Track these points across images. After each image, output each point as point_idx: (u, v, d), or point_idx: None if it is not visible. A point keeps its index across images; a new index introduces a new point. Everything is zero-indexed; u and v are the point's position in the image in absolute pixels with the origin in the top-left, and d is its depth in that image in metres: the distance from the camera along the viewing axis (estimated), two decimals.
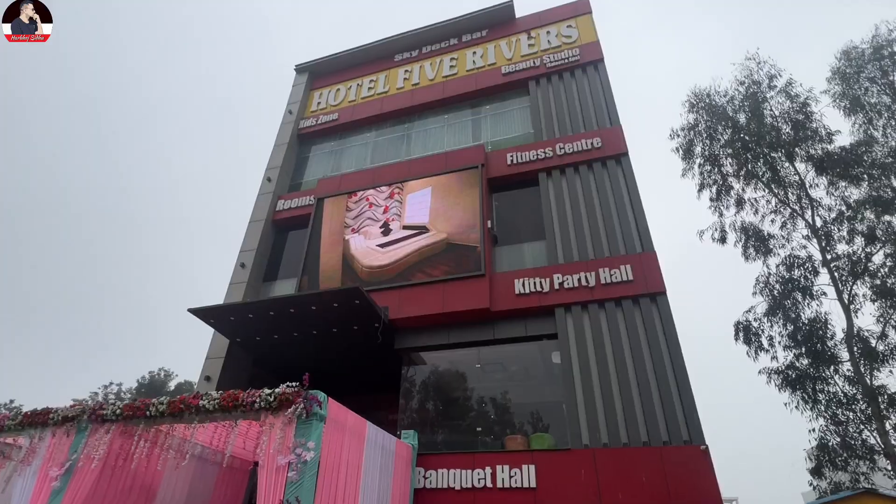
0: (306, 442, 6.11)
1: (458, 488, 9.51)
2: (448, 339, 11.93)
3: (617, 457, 9.09)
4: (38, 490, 7.00)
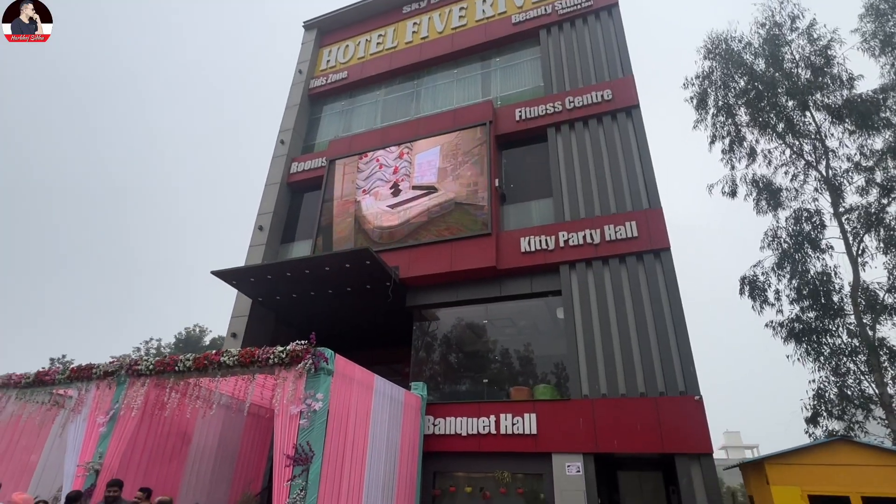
0: (315, 393, 6.72)
1: (464, 434, 10.22)
2: (456, 297, 12.38)
3: (614, 406, 9.55)
4: (88, 434, 7.94)
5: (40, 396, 8.91)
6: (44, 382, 8.77)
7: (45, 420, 9.08)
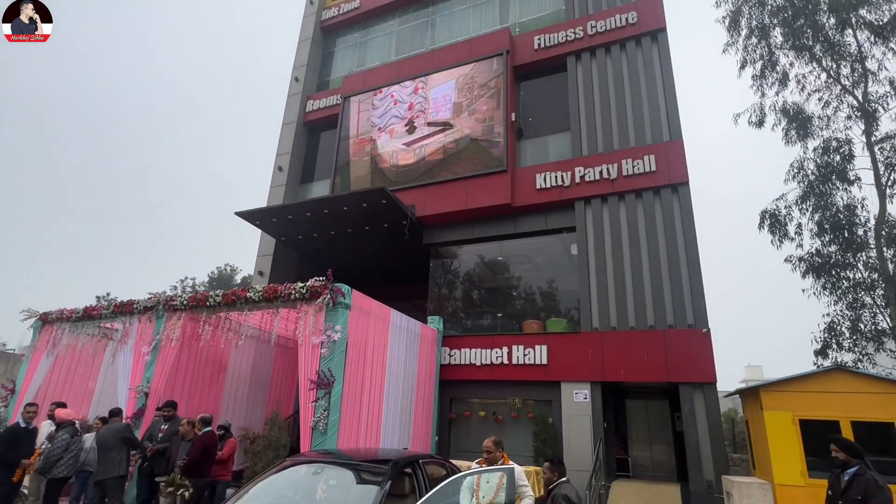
0: (334, 325, 7.20)
1: (478, 364, 10.81)
2: (472, 234, 12.55)
3: (623, 338, 9.86)
4: (135, 362, 8.77)
5: (90, 329, 9.76)
6: (92, 317, 9.57)
7: (97, 350, 9.99)
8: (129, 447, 6.29)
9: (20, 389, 9.68)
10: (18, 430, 5.96)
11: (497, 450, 4.69)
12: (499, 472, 4.06)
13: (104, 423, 7.03)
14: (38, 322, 10.22)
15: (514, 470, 4.09)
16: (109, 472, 5.99)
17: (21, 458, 5.78)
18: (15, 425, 6.14)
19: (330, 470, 4.42)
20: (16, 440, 5.83)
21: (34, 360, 9.90)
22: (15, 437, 5.87)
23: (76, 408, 9.55)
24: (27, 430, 6.08)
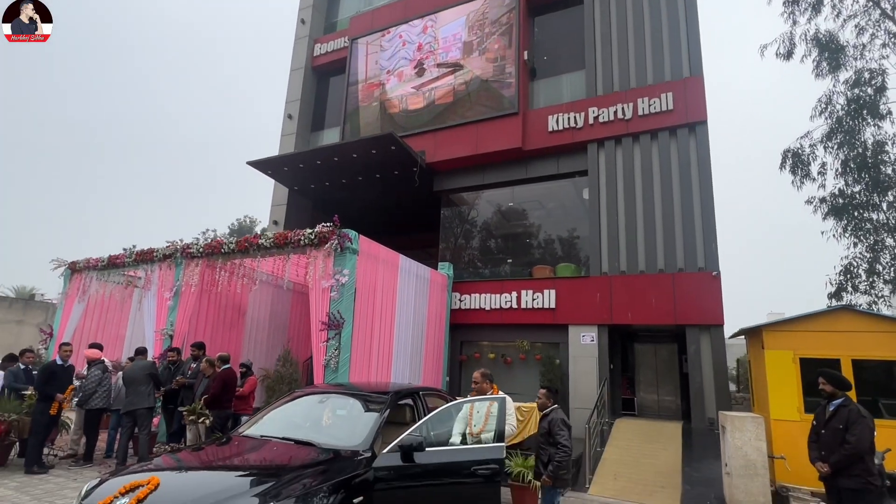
0: (342, 270, 7.39)
1: (488, 309, 11.02)
2: (483, 180, 12.43)
3: (631, 282, 9.87)
4: (159, 307, 9.23)
5: (116, 277, 10.22)
6: (116, 265, 9.99)
7: (124, 297, 10.51)
8: (154, 382, 6.75)
9: (57, 333, 10.34)
10: (55, 367, 6.44)
11: (484, 381, 4.83)
12: (489, 402, 4.26)
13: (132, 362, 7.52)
14: (67, 271, 10.74)
15: (506, 399, 4.27)
16: (138, 403, 6.48)
17: (57, 392, 6.27)
18: (52, 362, 6.62)
19: (335, 399, 4.70)
20: (52, 376, 6.32)
21: (67, 306, 10.50)
22: (51, 372, 6.35)
23: (109, 350, 10.18)
24: (63, 367, 6.55)
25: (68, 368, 6.67)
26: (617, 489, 6.79)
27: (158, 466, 3.46)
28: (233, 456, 3.81)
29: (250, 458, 3.75)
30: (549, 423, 4.22)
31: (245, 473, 3.36)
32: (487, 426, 4.10)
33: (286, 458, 3.70)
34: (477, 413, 4.18)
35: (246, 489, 3.03)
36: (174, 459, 3.68)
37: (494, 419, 4.11)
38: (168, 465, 3.54)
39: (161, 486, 3.07)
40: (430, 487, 3.75)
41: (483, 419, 4.14)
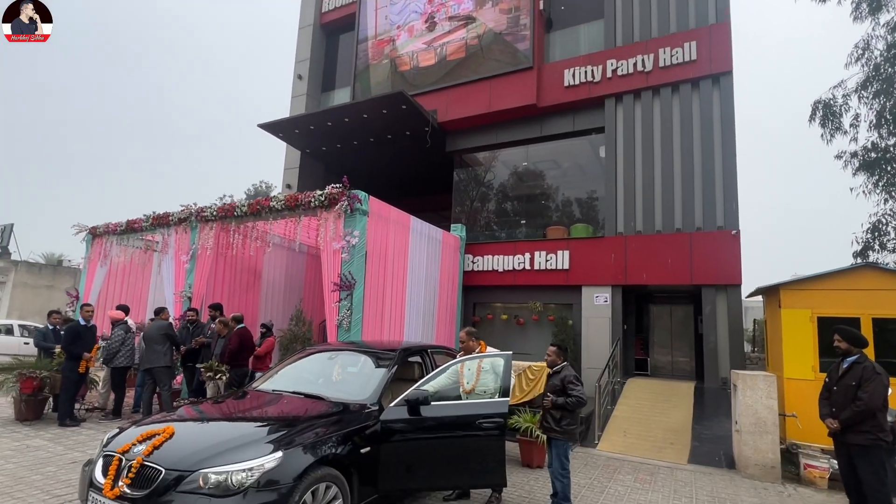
0: (352, 231, 7.39)
1: (500, 270, 10.98)
2: (496, 139, 12.13)
3: (647, 242, 9.68)
4: (177, 270, 9.43)
5: (135, 242, 10.44)
6: (134, 229, 10.18)
7: (144, 262, 10.76)
8: (170, 342, 6.93)
9: (82, 296, 10.70)
10: (79, 328, 6.70)
11: (470, 339, 4.76)
12: (495, 358, 4.28)
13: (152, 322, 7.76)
14: (88, 235, 11.00)
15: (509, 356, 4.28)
16: (156, 361, 6.72)
17: (83, 352, 6.54)
18: (75, 323, 6.87)
19: (344, 356, 4.79)
20: (77, 336, 6.58)
21: (90, 270, 10.81)
22: (76, 333, 6.61)
23: (135, 312, 10.53)
24: (86, 327, 6.81)
25: (91, 328, 6.92)
26: (626, 445, 6.89)
27: (175, 417, 3.60)
28: (246, 408, 3.94)
29: (262, 410, 3.87)
30: (561, 381, 4.21)
31: (257, 423, 3.48)
32: (482, 381, 4.14)
33: (297, 410, 3.81)
34: (468, 371, 4.22)
35: (257, 437, 3.13)
36: (190, 411, 3.82)
37: (498, 375, 4.14)
38: (184, 416, 3.67)
39: (176, 434, 3.19)
40: (436, 440, 3.84)
41: (475, 375, 4.18)
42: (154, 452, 2.99)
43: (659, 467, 6.06)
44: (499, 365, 4.19)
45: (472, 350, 4.59)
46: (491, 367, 4.20)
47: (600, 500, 4.76)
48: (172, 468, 2.86)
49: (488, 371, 4.22)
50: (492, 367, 4.19)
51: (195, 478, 2.80)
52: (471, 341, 4.70)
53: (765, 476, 5.67)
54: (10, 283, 21.38)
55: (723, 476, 5.77)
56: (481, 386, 4.15)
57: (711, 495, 5.05)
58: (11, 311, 20.19)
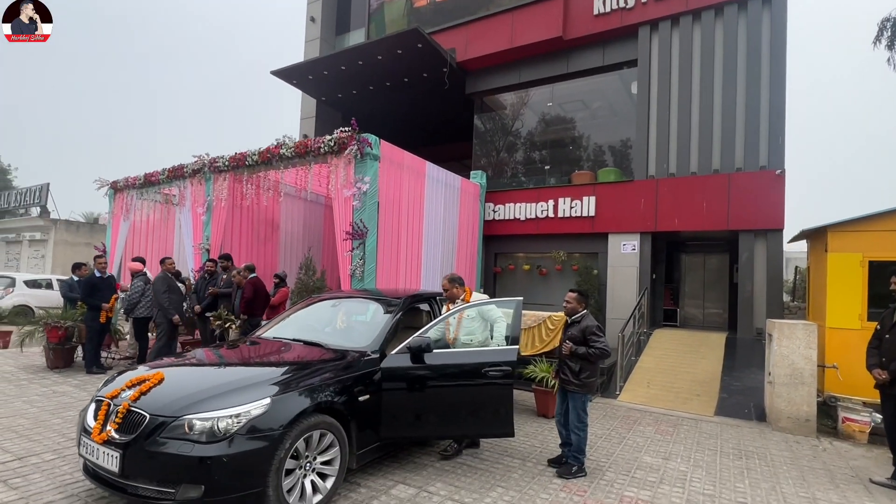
0: (363, 177, 7.08)
1: (523, 219, 10.54)
2: (519, 79, 11.35)
3: (681, 185, 8.99)
4: (195, 223, 9.42)
5: (153, 195, 10.46)
6: (152, 183, 10.16)
7: (165, 215, 10.82)
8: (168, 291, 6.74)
9: (109, 251, 10.92)
10: (94, 279, 6.76)
11: (454, 286, 4.30)
12: (507, 304, 4.00)
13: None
14: (110, 190, 11.09)
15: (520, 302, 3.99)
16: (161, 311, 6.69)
17: (101, 302, 6.63)
18: (91, 275, 6.94)
19: (348, 303, 4.61)
20: (93, 287, 6.65)
21: (114, 225, 10.97)
22: (92, 285, 6.67)
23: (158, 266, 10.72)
24: (102, 278, 6.86)
25: (108, 279, 6.96)
26: (648, 396, 6.63)
27: (167, 364, 3.52)
28: (242, 355, 3.83)
29: (258, 358, 3.75)
30: (582, 331, 3.90)
31: (249, 370, 3.35)
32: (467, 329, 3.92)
33: (293, 357, 3.67)
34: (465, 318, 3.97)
35: (247, 384, 2.99)
36: (184, 358, 3.72)
37: (487, 322, 3.92)
38: (176, 362, 3.58)
39: (165, 380, 3.09)
40: (440, 388, 3.65)
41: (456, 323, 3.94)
42: (141, 398, 2.90)
43: (683, 419, 5.80)
44: (489, 312, 3.94)
45: (456, 297, 4.25)
46: (478, 315, 3.94)
47: (617, 451, 4.55)
48: (157, 414, 2.75)
49: (474, 318, 3.95)
50: (479, 315, 3.94)
51: (180, 423, 2.68)
52: (454, 288, 4.27)
53: (798, 429, 5.33)
54: (52, 241, 22.34)
55: (751, 429, 5.47)
56: (466, 334, 3.91)
57: (738, 448, 4.78)
58: (55, 267, 21.20)
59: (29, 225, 23.90)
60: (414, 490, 3.45)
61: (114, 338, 8.00)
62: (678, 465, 4.22)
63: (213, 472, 2.58)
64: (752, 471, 4.17)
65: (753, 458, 4.49)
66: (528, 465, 4.07)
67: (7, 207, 25.28)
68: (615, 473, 3.97)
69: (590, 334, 3.88)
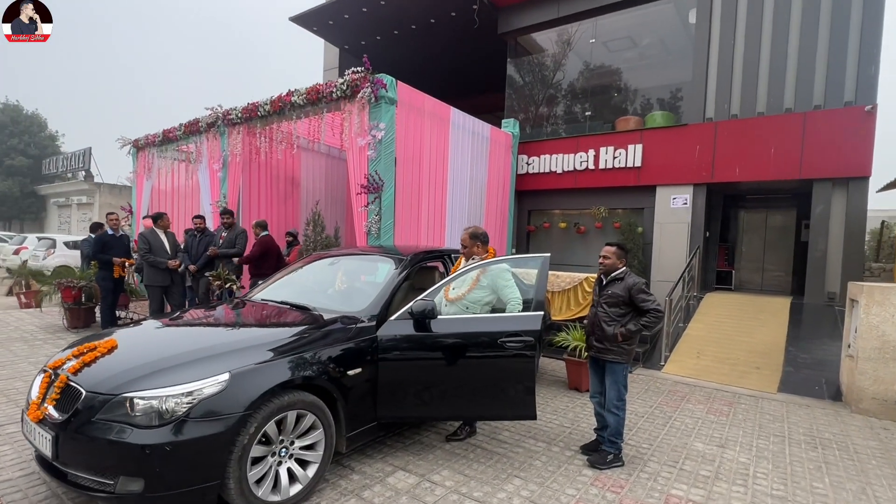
0: (378, 124, 6.38)
1: (559, 172, 9.59)
2: (557, 13, 10.09)
3: (744, 129, 7.77)
4: (212, 180, 9.07)
5: (171, 153, 10.17)
6: (170, 139, 9.85)
7: (190, 174, 10.56)
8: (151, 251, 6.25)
9: (136, 210, 10.85)
10: (105, 237, 6.53)
11: (474, 244, 3.51)
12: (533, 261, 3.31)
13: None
14: (133, 149, 10.90)
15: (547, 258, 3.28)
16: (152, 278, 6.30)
17: (111, 258, 6.38)
18: (102, 233, 6.70)
19: (347, 261, 4.03)
20: (104, 245, 6.42)
21: (139, 184, 10.84)
22: (104, 242, 6.44)
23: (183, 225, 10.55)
24: (113, 236, 6.61)
25: (120, 238, 6.72)
26: (698, 368, 5.85)
27: (127, 329, 3.07)
28: (215, 319, 3.33)
29: (231, 323, 3.25)
30: (627, 290, 3.18)
31: (213, 338, 2.83)
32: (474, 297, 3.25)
33: (272, 323, 3.15)
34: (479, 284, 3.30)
35: (206, 355, 2.47)
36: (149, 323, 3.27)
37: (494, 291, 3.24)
38: (139, 327, 3.12)
39: (117, 348, 2.63)
40: (448, 362, 3.05)
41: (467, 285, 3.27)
42: (84, 370, 2.44)
43: (739, 396, 5.02)
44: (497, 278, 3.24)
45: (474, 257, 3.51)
46: (490, 284, 3.26)
47: (661, 434, 3.88)
48: (94, 390, 2.28)
49: (485, 287, 3.28)
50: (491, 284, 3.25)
51: (119, 402, 2.21)
52: (475, 246, 3.49)
53: (885, 413, 4.47)
54: (97, 203, 23.06)
55: (824, 410, 4.64)
56: (472, 300, 3.25)
57: (810, 434, 4.00)
58: None
59: (76, 189, 24.75)
60: (415, 479, 2.93)
61: (129, 297, 7.84)
62: (737, 456, 3.51)
63: (155, 462, 2.11)
64: (831, 465, 3.42)
65: (832, 449, 3.72)
66: (554, 450, 3.47)
67: (56, 172, 26.24)
68: (659, 464, 3.32)
69: (637, 292, 3.15)
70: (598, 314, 3.30)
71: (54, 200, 26.77)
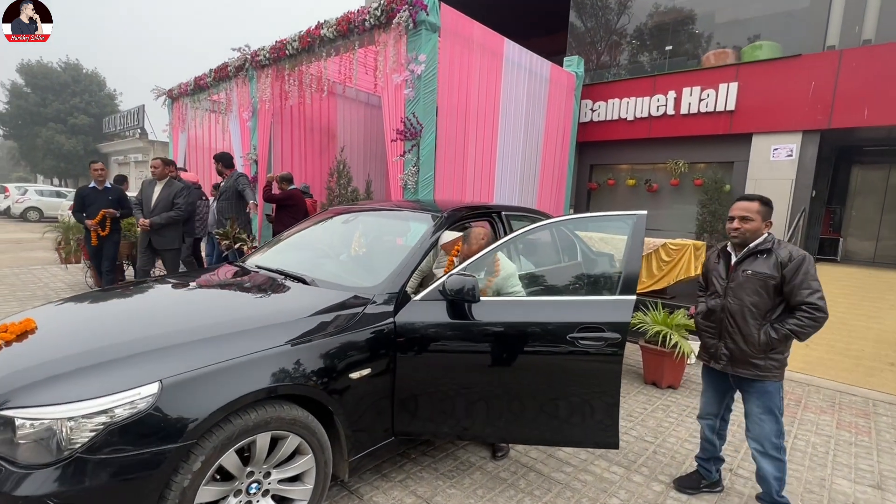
0: (417, 56, 5.34)
1: (630, 119, 8.16)
2: None
3: (879, 58, 6.03)
4: (242, 130, 8.43)
5: (204, 104, 9.59)
6: (202, 88, 9.25)
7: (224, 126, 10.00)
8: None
9: None
10: (84, 191, 5.71)
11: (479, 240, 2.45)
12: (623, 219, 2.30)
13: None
14: (168, 100, 10.44)
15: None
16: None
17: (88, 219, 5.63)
18: (83, 186, 5.98)
19: (366, 219, 3.14)
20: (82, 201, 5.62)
21: (174, 136, 10.43)
22: (81, 197, 5.68)
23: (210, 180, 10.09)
24: (95, 189, 5.75)
25: (105, 190, 5.90)
26: (810, 361, 4.65)
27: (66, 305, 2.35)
28: (178, 297, 2.47)
29: (195, 302, 2.41)
30: (780, 267, 2.08)
31: (162, 324, 2.01)
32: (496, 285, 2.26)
33: (249, 302, 2.33)
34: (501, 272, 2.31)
35: (137, 350, 1.68)
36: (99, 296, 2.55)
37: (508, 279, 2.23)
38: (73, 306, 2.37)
39: (35, 334, 1.91)
40: (494, 362, 2.15)
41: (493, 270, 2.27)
42: None
43: (875, 402, 3.85)
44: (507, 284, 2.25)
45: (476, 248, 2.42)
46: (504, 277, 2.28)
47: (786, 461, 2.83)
48: None
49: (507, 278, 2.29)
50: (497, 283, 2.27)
51: (1, 419, 1.47)
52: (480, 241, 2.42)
53: None
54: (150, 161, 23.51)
55: None
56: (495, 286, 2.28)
57: None
58: None
59: (132, 147, 25.38)
60: None
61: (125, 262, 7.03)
62: None
63: None
64: None
65: None
66: (636, 479, 2.54)
67: (115, 131, 26.98)
68: None
69: (803, 273, 2.02)
70: (731, 308, 2.20)
71: (114, 158, 27.72)
